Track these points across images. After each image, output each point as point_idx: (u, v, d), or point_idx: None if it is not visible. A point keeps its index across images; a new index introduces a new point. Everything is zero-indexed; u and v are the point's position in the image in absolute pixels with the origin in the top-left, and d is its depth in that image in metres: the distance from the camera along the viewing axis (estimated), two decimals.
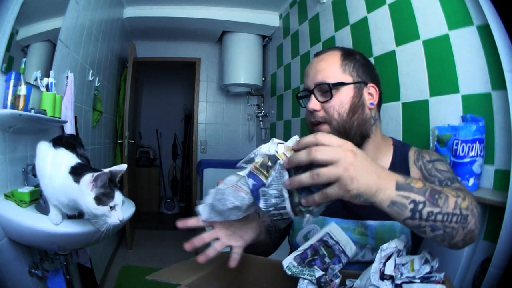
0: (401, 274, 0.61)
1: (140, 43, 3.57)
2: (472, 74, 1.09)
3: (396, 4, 1.44)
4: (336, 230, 0.74)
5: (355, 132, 0.79)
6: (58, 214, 0.92)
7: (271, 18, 3.04)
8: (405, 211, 0.54)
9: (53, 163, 0.90)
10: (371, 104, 0.82)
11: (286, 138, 0.55)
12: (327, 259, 0.70)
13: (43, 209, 1.03)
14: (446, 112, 1.19)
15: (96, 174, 0.81)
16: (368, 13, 1.64)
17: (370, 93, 0.83)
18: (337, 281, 0.66)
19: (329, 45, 2.05)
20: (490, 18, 0.95)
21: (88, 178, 0.82)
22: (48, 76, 1.28)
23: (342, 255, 0.70)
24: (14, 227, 0.96)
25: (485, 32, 1.02)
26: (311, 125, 0.85)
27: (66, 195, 0.87)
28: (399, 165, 0.83)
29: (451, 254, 0.98)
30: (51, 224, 0.91)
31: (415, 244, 0.80)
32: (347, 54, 0.83)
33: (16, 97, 1.00)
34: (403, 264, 0.62)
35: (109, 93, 2.68)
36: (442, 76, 1.21)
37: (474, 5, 1.05)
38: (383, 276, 0.62)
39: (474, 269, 0.97)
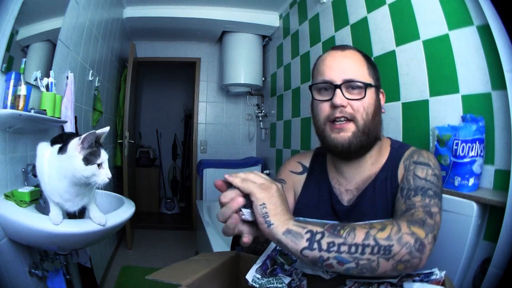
0: None
1: (140, 43, 3.57)
2: (472, 74, 1.09)
3: (396, 4, 1.44)
4: None
5: (374, 134, 0.81)
6: (58, 214, 0.92)
7: (271, 18, 3.04)
8: (301, 241, 0.56)
9: (50, 160, 0.90)
10: (383, 108, 0.85)
11: (286, 138, 0.58)
12: (286, 266, 0.73)
13: (43, 209, 1.03)
14: (446, 112, 1.19)
15: (83, 135, 0.83)
16: (368, 13, 1.64)
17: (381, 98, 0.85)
18: (304, 283, 0.69)
19: (329, 45, 2.04)
20: (490, 18, 0.96)
21: (75, 141, 0.85)
22: (48, 76, 1.28)
23: None
24: (14, 227, 0.96)
25: (485, 32, 1.02)
26: (330, 121, 0.79)
27: (59, 177, 0.88)
28: (392, 163, 0.82)
29: (451, 254, 0.98)
30: (51, 224, 0.91)
31: None
32: (367, 58, 0.85)
33: (16, 97, 1.00)
34: None
35: (109, 93, 2.68)
36: (442, 76, 1.21)
37: (474, 5, 1.05)
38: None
39: (474, 269, 0.97)
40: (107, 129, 0.93)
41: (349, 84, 0.78)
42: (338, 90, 0.77)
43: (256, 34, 3.29)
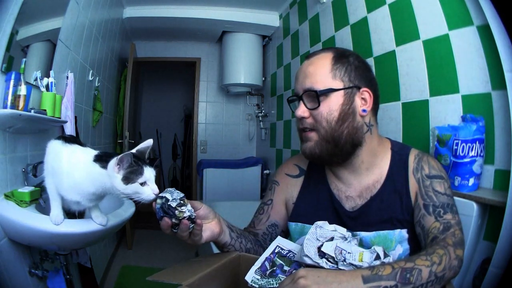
0: (344, 260, 0.64)
1: (140, 43, 3.57)
2: (472, 74, 1.09)
3: (396, 4, 1.44)
4: (285, 242, 0.78)
5: (345, 140, 0.77)
6: (59, 214, 0.92)
7: (271, 18, 3.04)
8: None
9: (71, 159, 0.88)
10: (363, 111, 0.78)
11: (286, 138, 0.57)
12: (286, 267, 0.73)
13: (43, 209, 1.03)
14: (446, 112, 1.19)
15: (119, 156, 0.79)
16: (368, 13, 1.64)
17: (364, 98, 0.79)
18: None
19: (329, 45, 2.04)
20: (490, 18, 0.96)
21: (113, 161, 0.81)
22: (48, 76, 1.28)
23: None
24: (14, 227, 0.96)
25: (485, 32, 1.02)
26: (299, 131, 0.84)
27: (93, 183, 0.86)
28: (398, 173, 0.80)
29: None
30: (51, 224, 0.91)
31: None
32: (339, 57, 0.79)
33: (16, 97, 1.00)
34: (349, 252, 0.65)
35: (109, 93, 2.68)
36: (442, 76, 1.21)
37: (474, 5, 1.05)
38: (321, 254, 0.66)
39: (474, 269, 0.97)
40: (150, 142, 0.84)
41: (308, 94, 0.79)
42: (300, 102, 0.80)
43: (256, 34, 3.29)
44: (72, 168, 0.88)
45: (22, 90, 1.02)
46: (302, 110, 0.79)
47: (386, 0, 1.49)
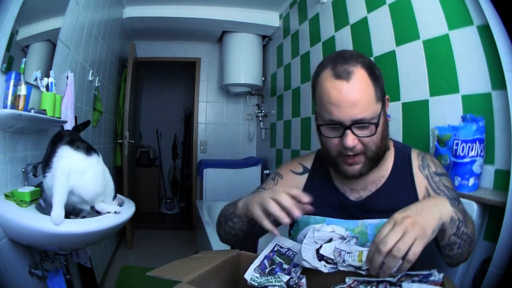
0: (344, 261, 0.65)
1: (140, 43, 3.57)
2: (472, 74, 1.09)
3: (396, 4, 1.44)
4: (284, 240, 0.79)
5: (383, 152, 0.80)
6: (60, 214, 0.92)
7: (271, 18, 3.04)
8: (454, 227, 0.63)
9: (96, 172, 1.04)
10: (388, 116, 0.82)
11: (286, 138, 0.56)
12: (285, 266, 0.73)
13: (43, 209, 1.03)
14: (446, 112, 1.19)
15: None
16: (368, 13, 1.64)
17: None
18: (304, 281, 0.69)
19: (329, 45, 2.05)
20: (490, 18, 0.95)
21: None
22: (48, 76, 1.28)
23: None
24: (14, 227, 0.96)
25: (485, 32, 1.02)
26: (341, 157, 0.79)
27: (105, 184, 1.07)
28: (402, 168, 0.84)
29: None
30: (51, 224, 0.91)
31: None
32: (372, 73, 0.75)
33: (16, 97, 1.00)
34: (348, 253, 0.65)
35: (109, 93, 2.68)
36: (442, 76, 1.21)
37: (474, 5, 1.05)
38: (319, 256, 0.67)
39: (474, 269, 0.97)
40: None
41: (359, 125, 0.74)
42: (348, 131, 0.74)
43: (256, 34, 3.29)
44: (98, 177, 1.04)
45: (22, 90, 1.02)
46: (353, 140, 0.74)
47: (386, 0, 1.49)
